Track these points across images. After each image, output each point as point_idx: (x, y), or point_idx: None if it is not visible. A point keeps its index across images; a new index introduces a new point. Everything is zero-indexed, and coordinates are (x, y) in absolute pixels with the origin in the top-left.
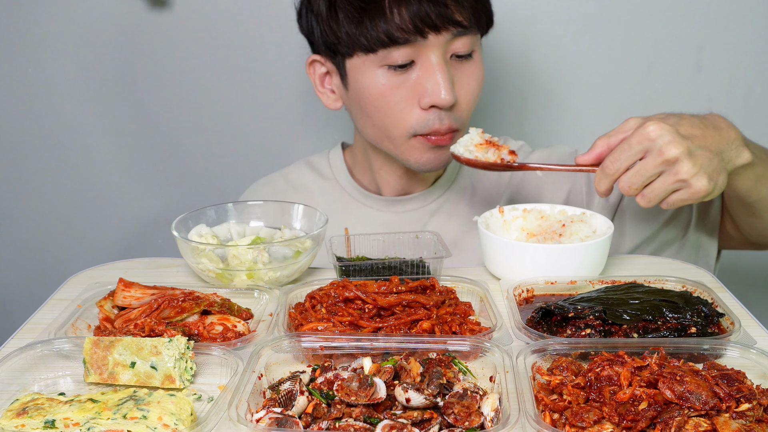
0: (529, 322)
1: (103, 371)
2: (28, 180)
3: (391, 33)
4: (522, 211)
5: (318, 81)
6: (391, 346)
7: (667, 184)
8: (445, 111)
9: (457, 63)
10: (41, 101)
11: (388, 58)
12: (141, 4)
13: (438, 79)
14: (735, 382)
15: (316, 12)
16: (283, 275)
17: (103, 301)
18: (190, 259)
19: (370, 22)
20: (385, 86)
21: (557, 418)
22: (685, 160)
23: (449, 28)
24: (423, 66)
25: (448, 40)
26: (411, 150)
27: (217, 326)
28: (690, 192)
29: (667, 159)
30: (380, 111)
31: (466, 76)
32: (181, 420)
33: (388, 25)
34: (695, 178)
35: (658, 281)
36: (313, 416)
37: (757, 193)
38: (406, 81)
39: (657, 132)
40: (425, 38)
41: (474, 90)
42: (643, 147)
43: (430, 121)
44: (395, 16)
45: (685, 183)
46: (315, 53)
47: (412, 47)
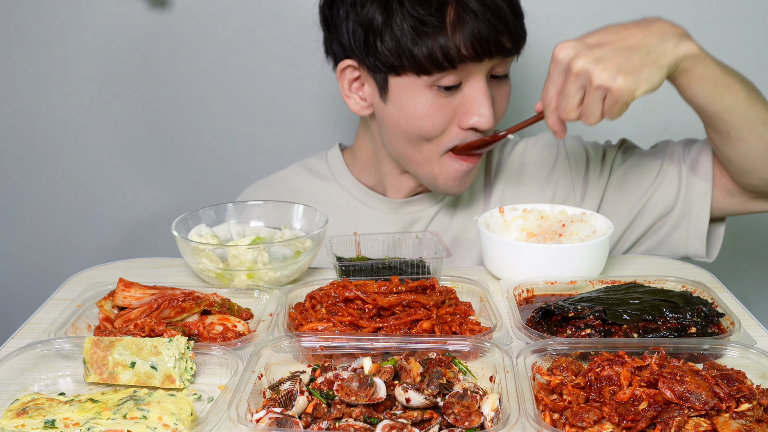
0: (529, 322)
1: (103, 371)
2: (28, 180)
3: (451, 56)
4: (522, 211)
5: (347, 85)
6: (391, 346)
7: (591, 94)
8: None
9: (494, 84)
10: (41, 101)
11: (440, 80)
12: (141, 5)
13: (484, 104)
14: (735, 382)
15: (365, 22)
16: (283, 275)
17: (103, 301)
18: (190, 259)
19: (431, 43)
20: (432, 107)
21: (557, 418)
22: (593, 67)
23: (500, 53)
24: (469, 89)
25: (492, 63)
26: (441, 167)
27: (217, 326)
28: (614, 95)
29: (577, 72)
30: (421, 130)
31: (501, 96)
32: (181, 420)
33: (448, 48)
34: (611, 81)
35: (658, 281)
36: (313, 416)
37: (721, 101)
38: (451, 102)
39: (563, 52)
40: (480, 62)
41: (504, 108)
42: (558, 70)
43: (467, 139)
44: (453, 40)
45: (604, 88)
46: (347, 58)
47: (462, 70)
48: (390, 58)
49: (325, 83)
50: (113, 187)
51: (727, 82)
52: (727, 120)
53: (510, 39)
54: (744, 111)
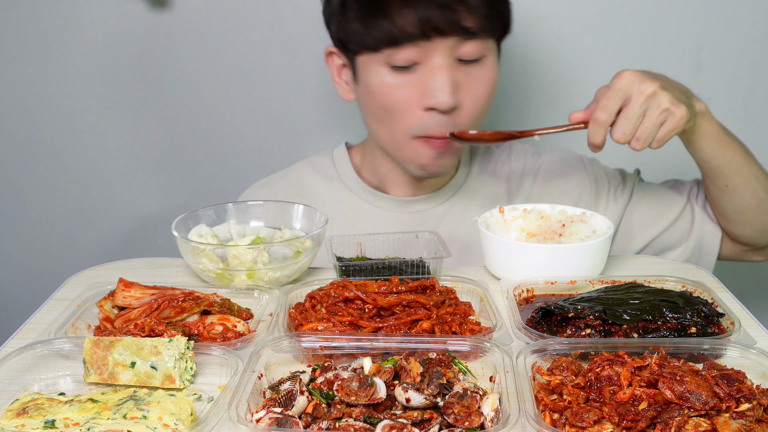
0: (529, 322)
1: (103, 371)
2: (28, 180)
3: (394, 34)
4: (522, 211)
5: (335, 72)
6: (391, 346)
7: (654, 117)
8: (445, 115)
9: (463, 67)
10: (41, 101)
11: (393, 57)
12: (141, 5)
13: (439, 82)
14: (735, 382)
15: (332, 6)
16: (283, 275)
17: (103, 301)
18: (190, 259)
19: (376, 22)
20: (388, 85)
21: (557, 418)
22: (662, 92)
23: (456, 33)
24: (427, 67)
25: (454, 43)
26: (411, 152)
27: (217, 326)
28: (674, 120)
29: (648, 95)
30: (384, 109)
31: (473, 81)
32: (181, 420)
33: (393, 26)
34: (675, 106)
35: (658, 281)
36: (313, 416)
37: (723, 155)
38: (409, 81)
39: (632, 76)
40: (430, 41)
41: (480, 96)
42: (624, 91)
43: (429, 123)
44: (401, 18)
45: (668, 112)
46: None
47: (417, 48)
48: (346, 36)
49: (327, 82)
50: (113, 187)
51: (728, 140)
52: (726, 174)
53: (472, 20)
54: (741, 167)
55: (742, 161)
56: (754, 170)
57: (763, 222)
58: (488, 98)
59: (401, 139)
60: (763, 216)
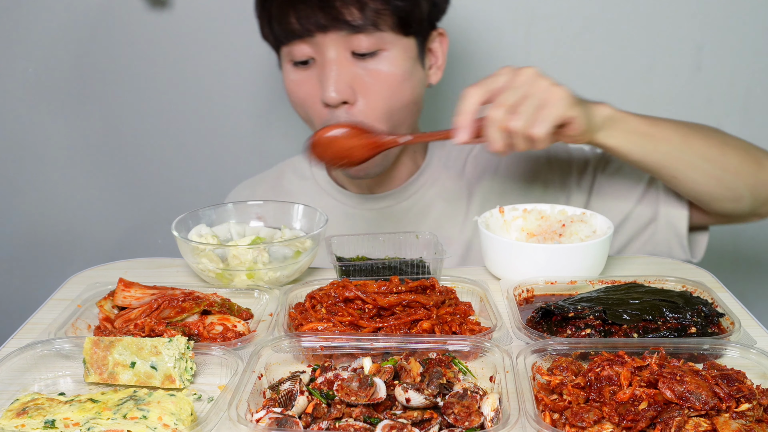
0: (529, 322)
1: (103, 371)
2: (28, 180)
3: (280, 32)
4: (522, 211)
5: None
6: (391, 346)
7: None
8: (342, 110)
9: (359, 61)
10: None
11: (290, 54)
12: (141, 4)
13: (328, 76)
14: (735, 382)
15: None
16: (283, 275)
17: (103, 301)
18: (190, 259)
19: (268, 22)
20: (292, 82)
21: (557, 418)
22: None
23: (337, 28)
24: (319, 62)
25: (344, 36)
26: None
27: (217, 326)
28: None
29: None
30: (296, 106)
31: (369, 76)
32: (181, 420)
33: (279, 25)
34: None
35: (658, 281)
36: (313, 416)
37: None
38: (309, 77)
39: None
40: (313, 36)
41: (378, 91)
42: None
43: (329, 120)
44: (285, 16)
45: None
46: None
47: (309, 44)
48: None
49: None
50: (113, 187)
51: (655, 132)
52: (666, 167)
53: (354, 14)
54: (681, 154)
55: (680, 148)
56: (699, 151)
57: (733, 196)
58: (390, 94)
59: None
60: (729, 191)
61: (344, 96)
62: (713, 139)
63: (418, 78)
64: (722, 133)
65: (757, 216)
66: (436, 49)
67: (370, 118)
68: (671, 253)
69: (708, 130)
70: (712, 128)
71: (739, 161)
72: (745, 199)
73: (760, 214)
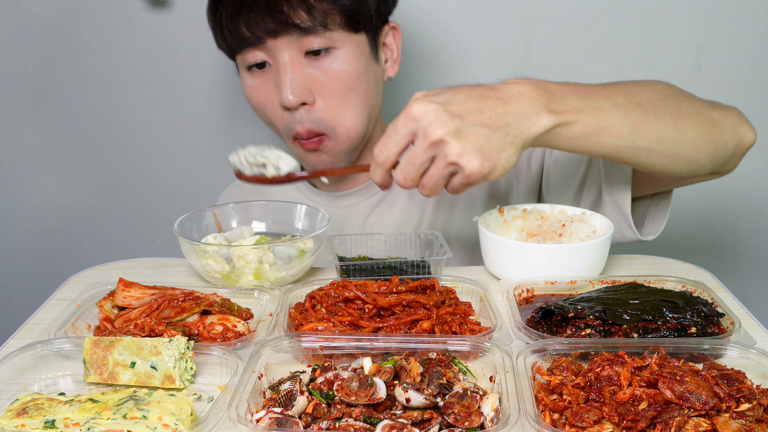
0: (529, 322)
1: (103, 371)
2: (28, 180)
3: (232, 41)
4: (522, 211)
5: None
6: (391, 346)
7: (440, 168)
8: (302, 113)
9: (313, 61)
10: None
11: (245, 61)
12: (141, 4)
13: (282, 80)
14: (735, 382)
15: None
16: (289, 275)
17: (103, 301)
18: (194, 260)
19: (220, 31)
20: (250, 88)
21: (557, 418)
22: (451, 140)
23: (287, 32)
24: (274, 66)
25: (295, 39)
26: (296, 153)
27: (217, 326)
28: (464, 175)
29: (433, 141)
30: (257, 111)
31: (324, 74)
32: (181, 420)
33: (229, 33)
34: (465, 159)
35: (658, 281)
36: (313, 416)
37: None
38: (266, 81)
39: (421, 111)
40: (264, 43)
41: (334, 89)
42: (409, 129)
43: (291, 123)
44: (233, 25)
45: (456, 165)
46: None
47: (262, 50)
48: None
49: None
50: (113, 187)
51: (603, 127)
52: (617, 157)
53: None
54: (632, 144)
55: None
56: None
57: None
58: (345, 89)
59: (286, 142)
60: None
61: (301, 98)
62: (666, 115)
63: (373, 73)
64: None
65: (721, 174)
66: (390, 43)
67: (330, 116)
68: (623, 234)
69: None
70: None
71: (696, 131)
72: (705, 167)
73: (724, 171)
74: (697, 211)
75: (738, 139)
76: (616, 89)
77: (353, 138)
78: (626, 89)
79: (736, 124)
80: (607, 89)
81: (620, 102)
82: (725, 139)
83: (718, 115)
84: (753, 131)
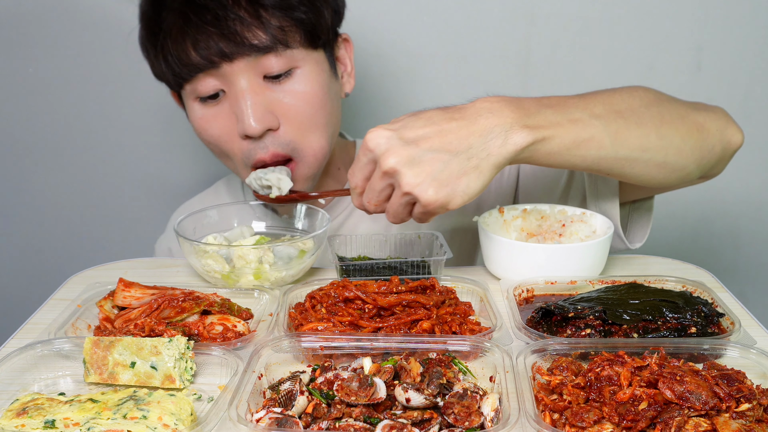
0: (529, 322)
1: (103, 371)
2: (28, 180)
3: (181, 69)
4: (522, 211)
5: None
6: (391, 346)
7: (398, 197)
8: (268, 138)
9: (273, 84)
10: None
11: (197, 90)
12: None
13: (243, 108)
14: (735, 382)
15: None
16: (289, 275)
17: (103, 301)
18: (194, 260)
19: (164, 59)
20: (202, 119)
21: (557, 418)
22: (403, 169)
23: (244, 54)
24: (231, 94)
25: (252, 61)
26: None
27: (217, 326)
28: (421, 204)
29: (386, 171)
30: (210, 144)
31: (287, 96)
32: (181, 420)
33: (178, 60)
34: (419, 189)
35: (658, 281)
36: (313, 416)
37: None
38: (221, 111)
39: (374, 141)
40: (218, 68)
41: (299, 110)
42: (368, 158)
43: (253, 151)
44: (182, 50)
45: (410, 195)
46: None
47: (216, 76)
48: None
49: None
50: (113, 187)
51: (583, 139)
52: (600, 168)
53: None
54: (615, 154)
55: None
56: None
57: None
58: (311, 110)
59: (243, 171)
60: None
61: (266, 124)
62: (649, 123)
63: (335, 90)
64: (657, 104)
65: (709, 177)
66: (343, 56)
67: (295, 138)
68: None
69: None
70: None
71: (681, 137)
72: (692, 173)
73: (711, 175)
74: (697, 211)
75: (725, 142)
76: (593, 99)
77: (320, 159)
78: (604, 98)
79: (722, 127)
80: (584, 100)
81: (599, 112)
82: (711, 142)
83: (703, 118)
84: (740, 132)
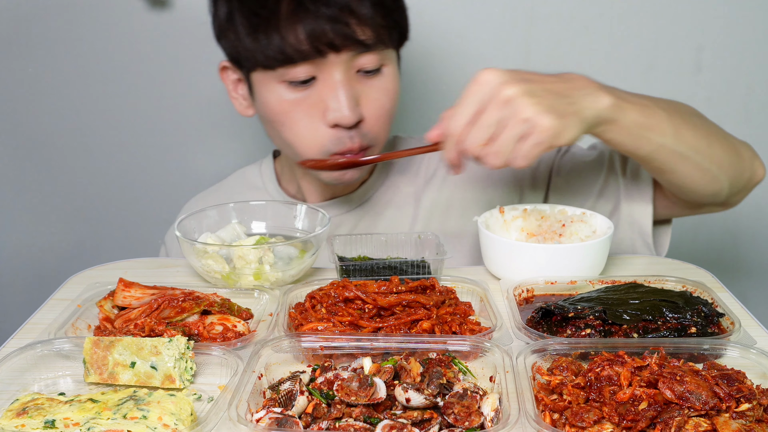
0: (529, 322)
1: (103, 371)
2: (28, 180)
3: (287, 52)
4: (522, 211)
5: (231, 86)
6: (391, 346)
7: (512, 128)
8: (354, 129)
9: (363, 78)
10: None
11: (288, 74)
12: (141, 4)
13: (340, 98)
14: (735, 382)
15: (220, 21)
16: (289, 275)
17: (103, 301)
18: (194, 260)
19: (267, 39)
20: (287, 102)
21: (557, 418)
22: (523, 97)
23: (350, 47)
24: (325, 83)
25: (351, 57)
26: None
27: (217, 326)
28: (538, 133)
29: (506, 98)
30: (285, 127)
31: (374, 92)
32: (181, 420)
33: (284, 44)
34: (539, 116)
35: (658, 281)
36: (313, 416)
37: (647, 143)
38: (309, 97)
39: (490, 76)
40: (324, 57)
41: (383, 105)
42: (479, 97)
43: (342, 139)
44: (291, 34)
45: (528, 122)
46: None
47: (313, 63)
48: (235, 53)
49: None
50: (113, 187)
51: (651, 123)
52: (657, 158)
53: (366, 33)
54: (673, 146)
55: (673, 140)
56: (691, 143)
57: (715, 187)
58: (392, 107)
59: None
60: (712, 183)
61: (358, 115)
62: (701, 129)
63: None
64: (704, 120)
65: (728, 206)
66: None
67: (373, 132)
68: (634, 250)
69: (692, 116)
70: (693, 112)
71: (723, 151)
72: (724, 190)
73: (731, 204)
74: None
75: (752, 172)
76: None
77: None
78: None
79: (752, 157)
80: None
81: (663, 105)
82: (743, 167)
83: (738, 144)
84: (764, 168)
